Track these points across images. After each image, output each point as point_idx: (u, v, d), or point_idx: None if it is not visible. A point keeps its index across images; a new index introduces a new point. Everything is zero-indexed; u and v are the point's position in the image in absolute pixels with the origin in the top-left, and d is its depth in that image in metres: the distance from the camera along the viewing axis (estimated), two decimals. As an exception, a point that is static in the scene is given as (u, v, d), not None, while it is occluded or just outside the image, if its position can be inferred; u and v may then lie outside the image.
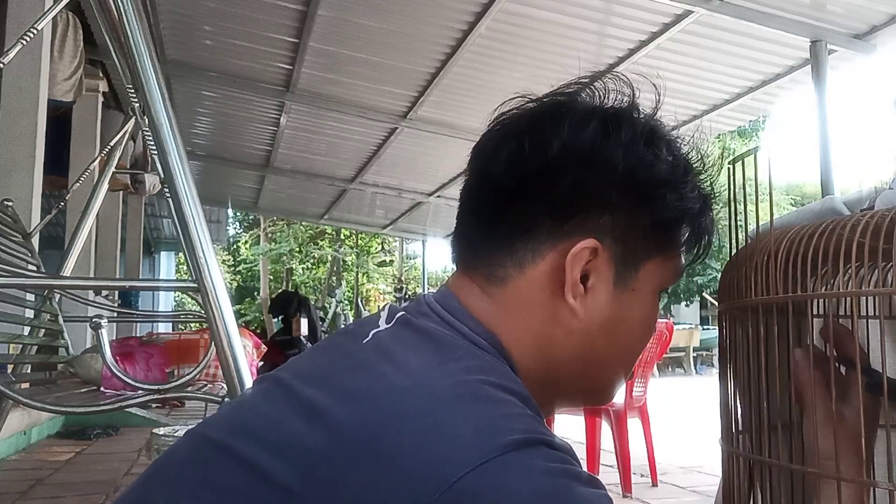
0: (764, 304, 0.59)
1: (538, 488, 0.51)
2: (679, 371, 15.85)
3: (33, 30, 1.75)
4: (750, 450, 0.63)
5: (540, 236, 0.65)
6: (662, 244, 0.67)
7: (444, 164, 8.12)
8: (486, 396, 0.57)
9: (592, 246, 0.64)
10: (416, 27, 5.09)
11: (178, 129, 1.47)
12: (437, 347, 0.62)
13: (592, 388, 0.72)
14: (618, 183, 0.65)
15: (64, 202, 2.83)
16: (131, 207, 9.74)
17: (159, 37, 5.77)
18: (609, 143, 0.65)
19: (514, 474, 0.51)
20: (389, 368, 0.60)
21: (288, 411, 0.58)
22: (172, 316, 5.94)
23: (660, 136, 0.68)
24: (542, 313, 0.65)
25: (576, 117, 0.66)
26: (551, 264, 0.64)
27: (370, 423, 0.54)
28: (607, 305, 0.66)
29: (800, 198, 20.57)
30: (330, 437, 0.54)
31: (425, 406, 0.55)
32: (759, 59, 4.97)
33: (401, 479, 0.51)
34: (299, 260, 22.96)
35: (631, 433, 3.52)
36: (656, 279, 0.68)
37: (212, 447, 0.60)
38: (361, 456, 0.53)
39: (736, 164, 0.68)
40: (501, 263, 0.66)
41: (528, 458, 0.53)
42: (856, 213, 0.58)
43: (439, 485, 0.50)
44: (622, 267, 0.66)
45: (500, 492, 0.50)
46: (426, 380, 0.58)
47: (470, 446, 0.52)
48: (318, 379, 0.61)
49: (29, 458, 3.97)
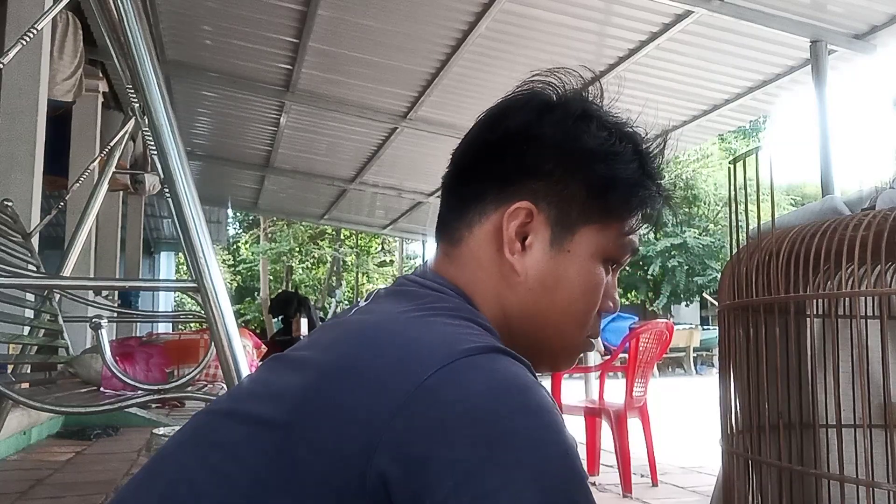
0: (765, 304, 0.59)
1: (495, 384, 0.58)
2: (679, 371, 15.85)
3: (33, 30, 1.75)
4: (749, 450, 0.63)
5: (486, 201, 0.75)
6: (597, 212, 0.75)
7: (445, 164, 8.08)
8: (453, 322, 0.66)
9: (526, 207, 0.73)
10: (416, 27, 5.09)
11: (178, 130, 1.47)
12: (408, 298, 0.71)
13: (545, 348, 0.78)
14: (548, 155, 0.75)
15: (64, 202, 2.83)
16: (131, 207, 9.74)
17: (159, 37, 5.77)
18: (541, 122, 0.76)
19: (475, 372, 0.58)
20: (364, 318, 0.70)
21: (281, 370, 0.67)
22: (172, 316, 5.93)
23: (591, 115, 0.78)
24: (489, 268, 0.75)
25: (516, 105, 0.79)
26: (494, 224, 0.75)
27: (348, 353, 0.63)
28: (544, 263, 0.74)
29: (800, 198, 20.56)
30: (315, 372, 0.62)
31: (397, 328, 0.65)
32: (759, 59, 4.97)
33: (379, 387, 0.58)
34: (299, 260, 22.96)
35: (631, 433, 3.52)
36: (593, 245, 0.75)
37: (217, 416, 0.67)
38: (343, 378, 0.60)
39: (736, 164, 0.68)
40: (457, 227, 0.77)
41: (491, 360, 0.60)
42: (857, 213, 0.58)
43: (412, 384, 0.57)
44: (557, 229, 0.74)
45: (461, 385, 0.57)
46: (397, 314, 0.68)
47: (438, 352, 0.59)
48: (306, 345, 0.71)
49: (29, 458, 3.96)
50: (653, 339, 3.82)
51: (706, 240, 20.26)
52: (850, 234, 0.53)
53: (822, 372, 0.66)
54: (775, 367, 0.61)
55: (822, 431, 0.67)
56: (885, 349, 0.54)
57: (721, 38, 4.69)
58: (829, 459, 0.65)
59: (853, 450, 0.61)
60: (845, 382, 0.61)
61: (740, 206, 0.68)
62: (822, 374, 0.66)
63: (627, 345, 3.77)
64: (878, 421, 0.62)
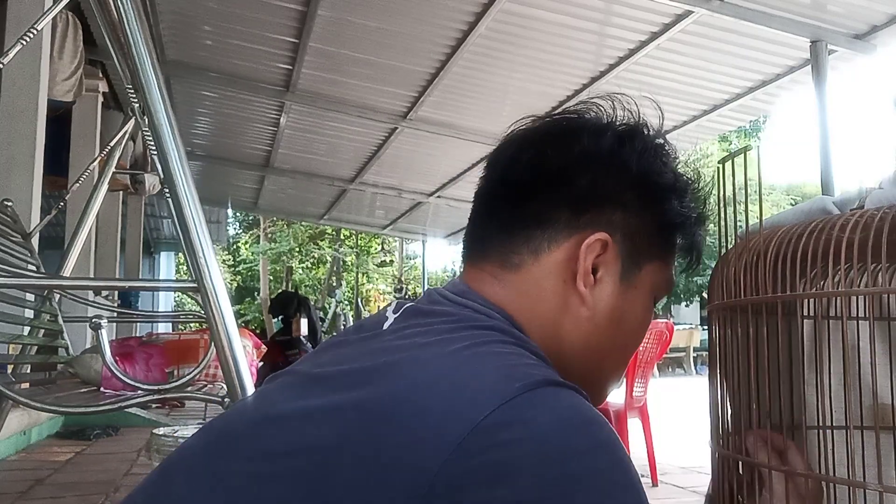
0: (753, 305, 0.60)
1: (562, 420, 0.54)
2: (679, 371, 15.85)
3: (33, 30, 1.75)
4: (740, 452, 0.64)
5: (557, 227, 0.70)
6: (663, 248, 0.74)
7: (444, 164, 8.12)
8: (504, 352, 0.61)
9: (604, 239, 0.69)
10: (416, 27, 5.09)
11: (178, 130, 1.47)
12: (452, 320, 0.65)
13: (591, 382, 0.73)
14: (630, 184, 0.71)
15: (64, 202, 2.83)
16: (131, 207, 9.74)
17: (159, 37, 5.77)
18: (624, 150, 0.72)
19: (538, 408, 0.54)
20: (408, 343, 0.64)
21: (305, 394, 0.62)
22: (172, 316, 5.93)
23: (666, 150, 0.75)
24: (552, 300, 0.70)
25: (593, 128, 0.73)
26: (566, 253, 0.70)
27: (394, 392, 0.57)
28: (613, 298, 0.70)
29: (800, 198, 20.55)
30: (353, 410, 0.57)
31: (446, 369, 0.58)
32: (759, 59, 4.97)
33: (428, 432, 0.53)
34: (299, 260, 22.96)
35: (631, 433, 3.52)
36: (654, 281, 0.73)
37: (234, 443, 0.62)
38: (386, 421, 0.55)
39: (726, 162, 0.68)
40: (517, 251, 0.71)
41: (554, 395, 0.56)
42: (845, 213, 0.59)
43: (466, 426, 0.52)
44: (628, 263, 0.71)
45: (524, 422, 0.53)
46: (444, 346, 0.61)
47: (493, 390, 0.54)
48: (331, 361, 0.65)
49: (29, 458, 3.97)
50: (653, 339, 3.83)
51: (706, 240, 20.25)
52: (837, 234, 0.53)
53: (812, 373, 0.67)
54: (765, 369, 0.62)
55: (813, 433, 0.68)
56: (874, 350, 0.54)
57: (721, 38, 4.69)
58: (820, 460, 0.66)
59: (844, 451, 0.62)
60: (836, 384, 0.61)
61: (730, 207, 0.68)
62: (812, 375, 0.67)
63: (627, 345, 3.77)
64: (871, 422, 0.62)
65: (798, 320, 0.62)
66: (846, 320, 0.53)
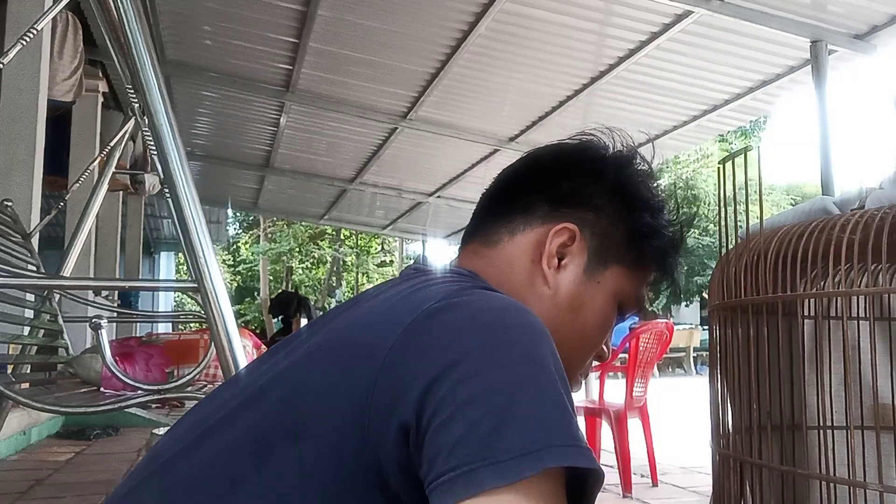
0: (754, 305, 0.60)
1: (499, 301, 0.63)
2: (679, 371, 15.86)
3: (33, 30, 1.75)
4: (741, 451, 0.64)
5: (535, 215, 0.80)
6: (631, 256, 0.81)
7: (444, 165, 8.12)
8: (460, 281, 0.71)
9: (572, 230, 0.78)
10: (416, 27, 5.09)
11: (177, 130, 1.47)
12: (421, 278, 0.73)
13: None
14: (606, 191, 0.81)
15: (64, 202, 2.83)
16: (131, 207, 9.74)
17: (159, 37, 5.77)
18: (605, 163, 0.82)
19: (478, 296, 0.64)
20: (375, 292, 0.74)
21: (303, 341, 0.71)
22: (172, 316, 5.93)
23: (649, 173, 0.84)
24: (520, 274, 0.78)
25: (584, 146, 0.85)
26: (537, 236, 0.79)
27: (359, 312, 0.69)
28: (574, 285, 0.78)
29: (800, 198, 20.56)
30: (330, 332, 0.67)
31: (404, 294, 0.68)
32: (759, 59, 4.97)
33: (385, 327, 0.62)
34: (299, 260, 22.96)
35: (631, 433, 3.52)
36: (618, 284, 0.81)
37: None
38: (357, 326, 0.65)
39: (726, 162, 0.68)
40: (497, 231, 0.81)
41: (493, 292, 0.67)
42: (845, 214, 0.58)
43: (415, 313, 0.61)
44: (594, 259, 0.79)
45: (465, 304, 0.62)
46: (404, 285, 0.71)
47: (443, 292, 0.64)
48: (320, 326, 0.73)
49: (28, 458, 3.97)
50: (653, 339, 3.82)
51: (706, 240, 20.26)
52: (837, 234, 0.53)
53: (812, 373, 0.67)
54: (765, 369, 0.62)
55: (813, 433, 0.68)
56: (874, 350, 0.54)
57: (721, 38, 4.69)
58: (821, 461, 0.66)
59: (845, 451, 0.62)
60: (836, 384, 0.61)
61: (730, 207, 0.68)
62: (812, 375, 0.67)
63: (627, 345, 3.77)
64: (870, 422, 0.62)
65: (798, 320, 0.62)
66: (846, 320, 0.53)
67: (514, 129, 6.78)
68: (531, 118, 6.45)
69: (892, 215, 0.52)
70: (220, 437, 0.64)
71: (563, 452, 0.54)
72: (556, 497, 0.54)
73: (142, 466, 0.69)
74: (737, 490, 0.62)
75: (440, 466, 0.54)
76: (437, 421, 0.55)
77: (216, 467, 0.62)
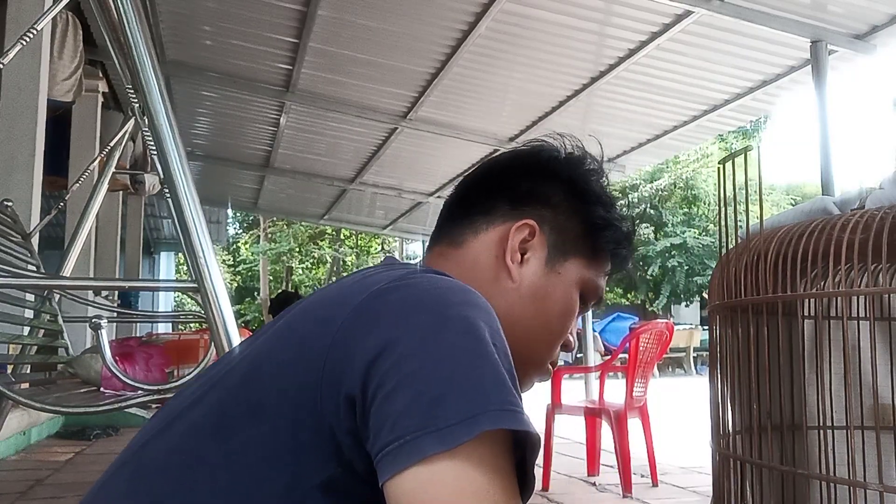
0: (754, 304, 0.59)
1: (445, 281, 0.67)
2: (679, 371, 15.86)
3: (33, 30, 1.75)
4: (741, 451, 0.64)
5: (497, 215, 0.85)
6: (587, 247, 0.86)
7: (444, 165, 8.12)
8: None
9: (532, 226, 0.83)
10: (416, 27, 5.09)
11: (177, 130, 1.47)
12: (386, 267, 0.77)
13: (517, 359, 0.80)
14: (560, 188, 0.87)
15: (64, 202, 2.83)
16: (131, 207, 9.74)
17: (159, 37, 5.77)
18: (558, 162, 0.88)
19: (426, 277, 0.68)
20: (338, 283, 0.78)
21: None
22: (172, 316, 5.92)
23: (598, 171, 0.90)
24: (485, 271, 0.83)
25: (535, 150, 0.90)
26: (499, 234, 0.84)
27: (318, 294, 0.74)
28: (537, 277, 0.83)
29: (800, 198, 20.54)
30: (295, 311, 0.73)
31: (359, 276, 0.72)
32: (759, 59, 4.97)
33: (339, 306, 0.65)
34: (299, 260, 22.96)
35: (631, 433, 3.52)
36: (578, 274, 0.86)
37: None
38: (315, 305, 0.70)
39: (726, 162, 0.68)
40: (462, 233, 0.86)
41: (443, 275, 0.70)
42: (845, 213, 0.58)
43: (365, 294, 0.65)
44: (554, 252, 0.84)
45: (412, 284, 0.66)
46: (364, 273, 0.75)
47: (396, 276, 0.68)
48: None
49: (28, 458, 3.97)
50: (653, 339, 3.83)
51: (706, 240, 20.26)
52: (838, 234, 0.53)
53: (812, 373, 0.67)
54: (765, 368, 0.62)
55: (814, 433, 0.68)
56: (874, 350, 0.54)
57: (721, 38, 4.69)
58: (821, 461, 0.66)
59: (845, 451, 0.62)
60: (836, 383, 0.61)
61: (730, 207, 0.68)
62: (812, 375, 0.67)
63: (627, 345, 3.78)
64: (870, 422, 0.62)
65: (798, 320, 0.62)
66: (846, 320, 0.53)
67: (514, 129, 6.78)
68: (531, 118, 6.45)
69: (892, 215, 0.52)
70: (187, 419, 0.67)
71: (499, 416, 0.56)
72: (497, 460, 0.57)
73: (117, 458, 0.73)
74: (737, 490, 0.62)
75: (385, 437, 0.57)
76: (381, 393, 0.58)
77: (182, 446, 0.66)
